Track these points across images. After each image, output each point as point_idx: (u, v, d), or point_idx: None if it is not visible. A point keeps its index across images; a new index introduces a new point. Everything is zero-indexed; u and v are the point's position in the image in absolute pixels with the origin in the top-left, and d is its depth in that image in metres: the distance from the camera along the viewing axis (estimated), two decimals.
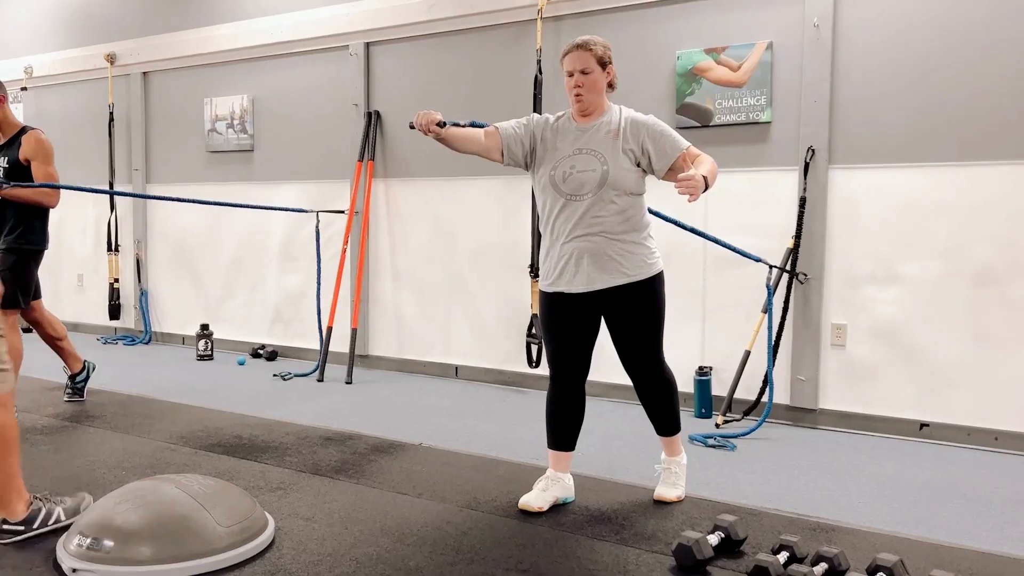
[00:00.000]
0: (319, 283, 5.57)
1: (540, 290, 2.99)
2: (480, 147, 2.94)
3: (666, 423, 3.03)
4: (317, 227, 5.59)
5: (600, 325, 2.96)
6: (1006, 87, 3.82)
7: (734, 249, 3.98)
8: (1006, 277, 3.85)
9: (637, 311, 2.86)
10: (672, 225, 4.61)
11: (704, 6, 4.51)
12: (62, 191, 4.21)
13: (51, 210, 4.23)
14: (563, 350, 2.94)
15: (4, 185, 3.98)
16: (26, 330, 7.34)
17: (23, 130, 4.18)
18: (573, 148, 2.86)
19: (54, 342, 4.44)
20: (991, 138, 3.86)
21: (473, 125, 2.96)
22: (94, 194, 7.29)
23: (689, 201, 2.56)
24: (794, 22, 4.26)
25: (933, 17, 3.96)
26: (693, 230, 3.90)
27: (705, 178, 2.60)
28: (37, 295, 4.31)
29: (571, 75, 2.85)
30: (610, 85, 2.93)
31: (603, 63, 2.86)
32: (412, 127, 2.84)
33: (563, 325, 2.92)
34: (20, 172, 4.09)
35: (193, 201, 4.51)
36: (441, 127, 2.81)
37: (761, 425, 4.07)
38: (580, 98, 2.85)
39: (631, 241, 2.83)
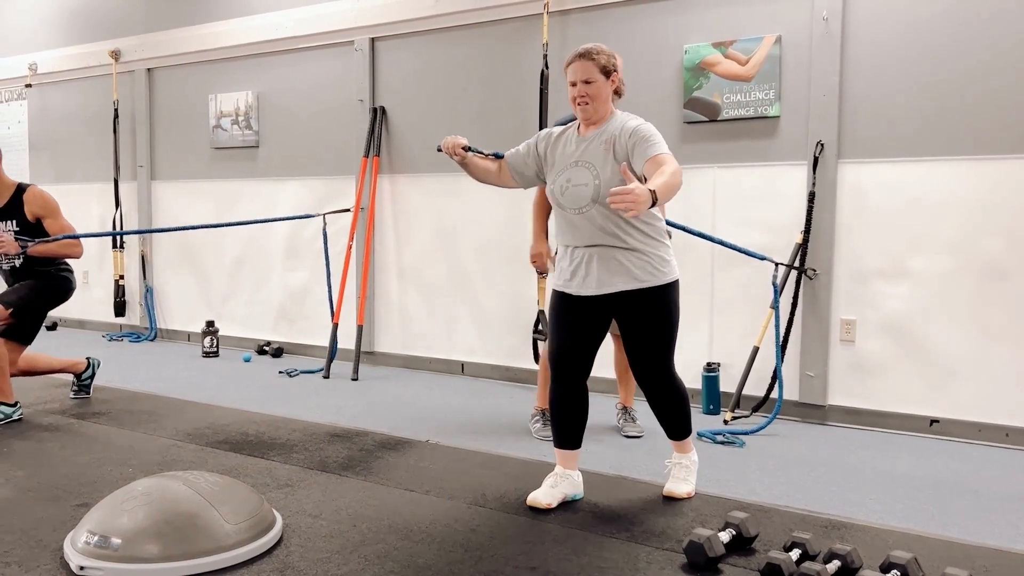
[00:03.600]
0: (329, 281, 5.55)
1: (553, 288, 2.97)
2: (495, 177, 3.05)
3: (676, 429, 3.02)
4: (324, 228, 5.56)
5: (608, 328, 2.94)
6: (1017, 80, 3.79)
7: (739, 249, 3.95)
8: (1016, 272, 3.82)
9: (647, 317, 2.82)
10: (680, 219, 4.59)
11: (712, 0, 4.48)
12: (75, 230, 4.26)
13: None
14: (567, 347, 2.91)
15: (29, 243, 3.96)
16: (50, 327, 7.38)
17: (19, 189, 4.13)
18: (571, 160, 2.84)
19: (50, 372, 4.43)
20: (1001, 132, 3.83)
21: (495, 156, 3.06)
22: (99, 190, 7.29)
23: (627, 215, 2.42)
24: (803, 15, 4.23)
25: (943, 10, 3.93)
26: (700, 234, 3.89)
27: (653, 192, 2.37)
28: (27, 341, 4.25)
29: (574, 85, 2.81)
30: (616, 92, 2.88)
31: (607, 72, 2.80)
32: (439, 150, 2.97)
33: (570, 323, 2.90)
34: (31, 232, 4.07)
35: (200, 227, 4.49)
36: (466, 151, 2.94)
37: (772, 422, 4.05)
38: (583, 108, 2.82)
39: (642, 249, 2.79)
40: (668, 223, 3.72)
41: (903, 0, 4.01)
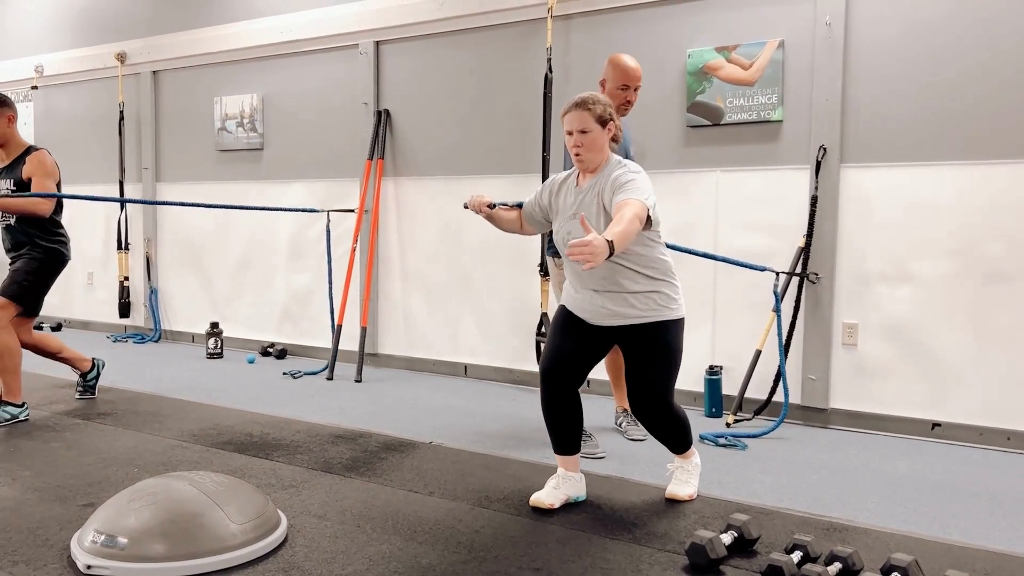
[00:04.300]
0: (331, 282, 5.58)
1: (560, 302, 3.00)
2: (518, 227, 3.15)
3: (676, 447, 3.04)
4: (328, 226, 5.59)
5: (606, 352, 2.97)
6: (1019, 85, 3.80)
7: (740, 263, 3.96)
8: (1018, 276, 3.83)
9: (647, 351, 2.82)
10: (683, 222, 4.61)
11: (715, 4, 4.50)
12: (63, 201, 4.21)
13: (63, 221, 4.25)
14: (558, 356, 2.92)
15: None
16: (55, 328, 7.40)
17: (28, 150, 4.15)
18: (569, 213, 2.87)
19: (55, 356, 4.44)
20: (1003, 136, 3.84)
21: (518, 206, 3.16)
22: (104, 192, 7.31)
23: (584, 268, 2.42)
24: (806, 20, 4.25)
25: (945, 14, 3.94)
26: (701, 253, 3.91)
27: (611, 242, 2.38)
28: (34, 313, 4.28)
29: (570, 134, 2.82)
30: (614, 139, 2.88)
31: (603, 121, 2.80)
32: (466, 207, 3.13)
33: (570, 335, 2.93)
34: (25, 192, 4.08)
35: (201, 205, 4.52)
36: (491, 208, 3.08)
37: (779, 426, 4.05)
38: (579, 157, 2.83)
39: (645, 291, 2.80)
40: (669, 246, 3.70)
41: (905, 5, 4.03)
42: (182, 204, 4.56)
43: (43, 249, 4.14)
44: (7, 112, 4.11)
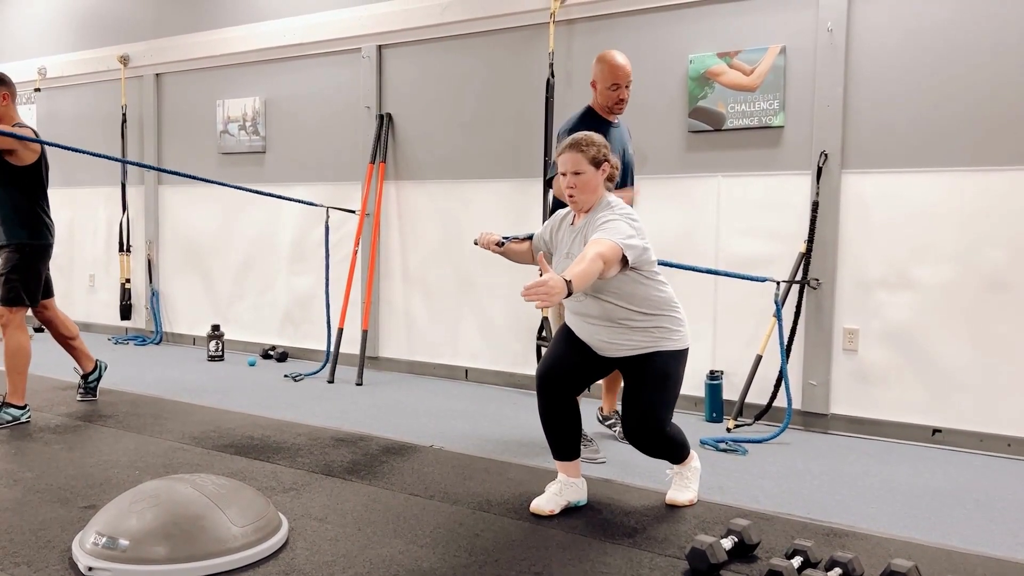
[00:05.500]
0: (327, 282, 5.58)
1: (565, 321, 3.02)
2: (528, 258, 3.17)
3: (673, 461, 3.04)
4: (327, 224, 5.60)
5: (608, 373, 2.99)
6: (1020, 91, 3.81)
7: (740, 276, 3.96)
8: (1019, 282, 3.84)
9: (645, 379, 2.83)
10: (685, 227, 4.62)
11: (717, 10, 4.51)
12: (46, 184, 4.20)
13: (49, 204, 4.23)
14: (558, 363, 2.92)
15: None
16: (38, 329, 7.41)
17: (14, 126, 4.12)
18: (566, 251, 2.89)
19: (67, 342, 4.46)
20: (1004, 143, 3.85)
21: (528, 237, 3.19)
22: (106, 194, 7.33)
23: (538, 307, 2.41)
24: (807, 26, 4.26)
25: (947, 21, 3.96)
26: (704, 269, 3.92)
27: (569, 281, 2.37)
28: (49, 294, 4.33)
29: (564, 175, 2.83)
30: (609, 179, 2.89)
31: (597, 163, 2.81)
32: (476, 243, 3.19)
33: (572, 347, 2.94)
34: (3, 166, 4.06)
35: (205, 180, 4.49)
36: (500, 245, 3.13)
37: (783, 431, 4.04)
38: (573, 199, 2.84)
39: (644, 326, 2.80)
40: (666, 264, 3.69)
41: (907, 11, 4.04)
42: (185, 175, 4.54)
43: (21, 237, 4.08)
44: (2, 90, 4.10)
